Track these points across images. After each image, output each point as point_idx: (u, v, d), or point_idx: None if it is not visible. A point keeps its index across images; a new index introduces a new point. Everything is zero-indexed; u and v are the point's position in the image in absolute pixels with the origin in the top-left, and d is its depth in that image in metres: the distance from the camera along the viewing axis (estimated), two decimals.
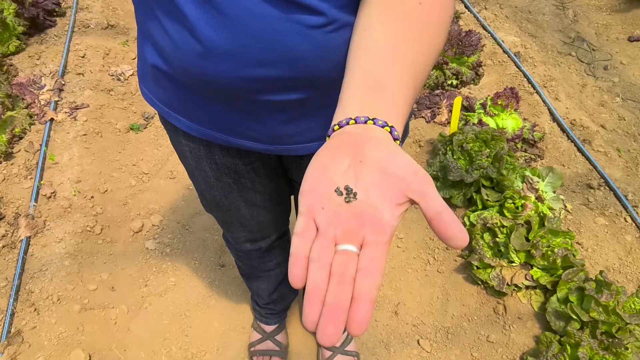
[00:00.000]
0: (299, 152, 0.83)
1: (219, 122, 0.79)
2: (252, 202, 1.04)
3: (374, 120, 0.49)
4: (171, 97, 0.79)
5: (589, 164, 2.30)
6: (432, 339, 1.77)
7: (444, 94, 2.52)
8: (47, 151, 2.20)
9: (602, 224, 2.05)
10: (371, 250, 0.42)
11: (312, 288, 0.39)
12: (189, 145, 0.90)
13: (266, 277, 1.43)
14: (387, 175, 0.45)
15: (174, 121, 0.83)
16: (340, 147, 0.48)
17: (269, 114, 0.74)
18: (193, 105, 0.78)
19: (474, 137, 2.06)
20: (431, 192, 0.44)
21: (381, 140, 0.48)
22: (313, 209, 0.44)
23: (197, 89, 0.73)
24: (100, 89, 2.52)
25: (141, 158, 2.27)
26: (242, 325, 1.78)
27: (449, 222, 0.42)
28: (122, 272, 1.88)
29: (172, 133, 0.92)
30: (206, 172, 0.95)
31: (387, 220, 0.44)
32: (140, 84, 0.86)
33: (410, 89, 0.54)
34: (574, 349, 1.54)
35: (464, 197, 2.06)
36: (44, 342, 1.65)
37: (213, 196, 1.02)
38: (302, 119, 0.76)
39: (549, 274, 1.77)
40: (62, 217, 1.99)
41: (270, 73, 0.65)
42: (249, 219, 1.10)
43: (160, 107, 0.83)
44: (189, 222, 2.06)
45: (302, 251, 0.42)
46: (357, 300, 0.39)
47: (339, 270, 0.40)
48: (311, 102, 0.73)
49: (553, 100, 2.63)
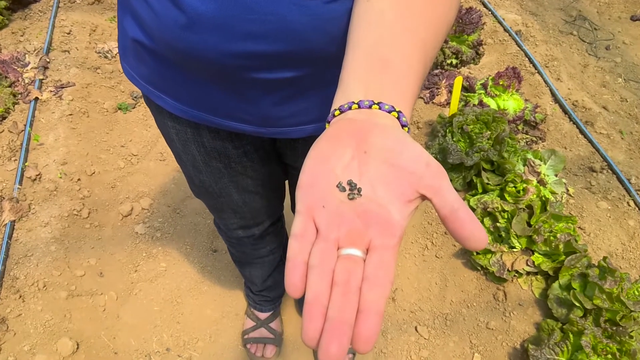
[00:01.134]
0: (293, 135, 0.76)
1: (206, 102, 0.72)
2: (244, 188, 0.98)
3: (380, 104, 0.43)
4: (154, 74, 0.72)
5: (591, 147, 2.25)
6: (430, 325, 1.73)
7: (443, 73, 2.44)
8: (31, 132, 2.12)
9: (604, 208, 2.00)
10: (379, 255, 0.37)
11: (313, 299, 0.34)
12: (175, 127, 0.83)
13: (260, 264, 1.37)
14: (396, 168, 0.40)
15: (158, 101, 0.76)
16: (341, 136, 0.43)
17: (261, 94, 0.68)
18: (178, 84, 0.71)
19: (474, 118, 2.00)
20: (445, 186, 0.39)
21: (388, 127, 0.42)
22: (312, 207, 0.39)
23: (182, 66, 0.66)
24: (86, 66, 2.43)
25: (130, 139, 2.19)
26: (235, 312, 1.73)
27: (466, 221, 0.37)
28: (111, 258, 1.82)
29: (157, 114, 0.85)
30: (194, 156, 0.88)
31: (396, 219, 0.39)
32: (122, 60, 0.79)
33: (420, 69, 0.48)
34: (576, 337, 1.50)
35: (463, 181, 2.00)
36: (29, 330, 1.60)
37: (202, 181, 0.95)
38: (297, 99, 0.70)
39: (551, 260, 1.73)
40: (47, 200, 1.91)
41: (261, 48, 0.58)
42: (240, 205, 1.03)
43: (143, 86, 0.76)
44: (180, 206, 1.99)
45: (301, 256, 0.37)
46: (363, 313, 0.34)
47: (342, 278, 0.36)
48: (307, 80, 0.66)
49: (555, 81, 2.57)
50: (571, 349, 1.50)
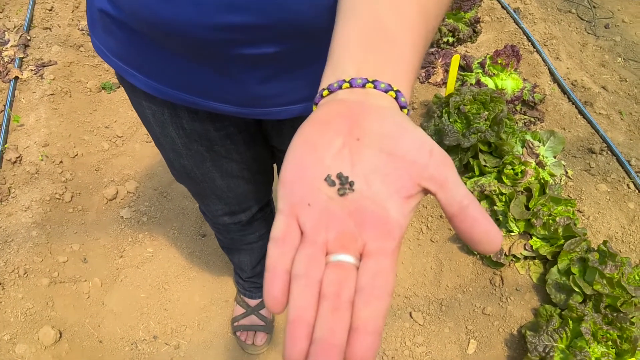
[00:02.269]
0: (280, 115, 0.70)
1: (182, 80, 0.66)
2: (228, 173, 0.91)
3: (375, 83, 0.37)
4: (125, 49, 0.66)
5: (590, 128, 2.19)
6: (425, 311, 1.68)
7: (439, 52, 2.37)
8: (11, 112, 2.03)
9: (604, 190, 1.96)
10: (375, 262, 0.32)
11: (296, 316, 0.29)
12: (151, 107, 0.76)
13: (248, 250, 1.31)
14: (394, 158, 0.34)
15: (130, 78, 0.69)
16: (330, 120, 0.37)
17: (243, 71, 0.62)
18: (150, 60, 0.64)
19: (471, 98, 1.93)
20: (452, 178, 0.33)
21: (385, 109, 0.36)
22: (296, 205, 0.34)
23: (155, 40, 0.60)
24: (69, 44, 2.33)
25: (114, 120, 2.10)
26: (225, 299, 1.67)
27: (477, 220, 0.32)
28: (95, 243, 1.76)
29: (131, 93, 0.78)
30: (173, 139, 0.81)
31: (394, 218, 0.33)
32: (91, 33, 0.72)
33: (421, 41, 0.41)
34: (576, 323, 1.46)
35: (460, 163, 1.94)
36: (9, 319, 1.54)
37: (183, 166, 0.89)
38: (283, 77, 0.64)
39: (549, 244, 1.68)
40: (28, 183, 1.84)
41: (242, 20, 0.52)
42: (225, 191, 0.96)
43: (114, 62, 0.69)
44: (167, 189, 1.92)
45: (282, 264, 0.31)
46: (357, 332, 0.29)
47: (332, 290, 0.30)
48: (293, 56, 0.60)
49: (554, 60, 2.50)
50: (570, 335, 1.46)
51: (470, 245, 0.33)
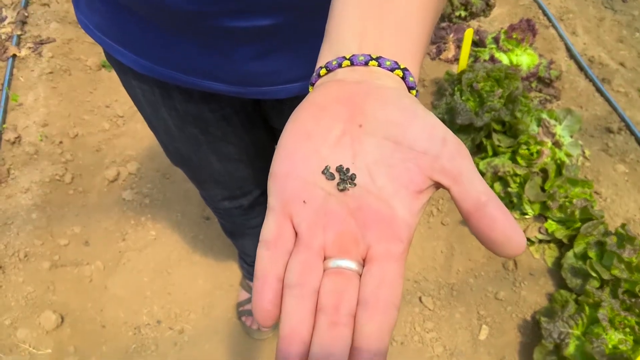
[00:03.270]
0: (277, 95, 0.64)
1: (172, 57, 0.60)
2: (226, 156, 0.85)
3: (379, 60, 0.32)
4: (109, 24, 0.61)
5: (608, 106, 2.11)
6: (435, 296, 1.64)
7: (450, 27, 2.28)
8: (9, 91, 1.98)
9: (622, 171, 1.88)
10: (380, 268, 0.28)
11: (289, 332, 0.25)
12: (142, 87, 0.71)
13: (252, 235, 1.26)
14: (402, 147, 0.30)
15: (117, 55, 0.64)
16: (328, 104, 0.32)
17: (236, 47, 0.56)
18: (137, 35, 0.59)
19: (485, 75, 1.85)
20: (468, 171, 0.29)
21: (391, 91, 0.32)
22: (289, 202, 0.30)
23: (137, 12, 0.55)
24: (68, 21, 2.26)
25: (115, 99, 2.04)
26: (230, 283, 1.63)
27: (497, 220, 0.28)
28: (97, 225, 1.72)
29: (120, 72, 0.73)
30: (166, 121, 0.76)
31: (402, 217, 0.29)
32: (75, 9, 0.66)
33: (431, 13, 0.35)
34: (592, 309, 1.41)
35: (472, 143, 1.87)
36: (10, 303, 1.51)
37: (177, 149, 0.84)
38: (279, 53, 0.58)
39: (566, 227, 1.62)
40: (28, 164, 1.79)
41: None
42: (223, 175, 0.91)
43: (100, 38, 0.64)
44: (169, 171, 1.87)
45: (273, 271, 0.27)
46: (360, 352, 0.25)
47: (330, 301, 0.27)
48: (289, 29, 0.55)
49: (570, 35, 2.40)
50: (586, 322, 1.41)
51: (488, 247, 0.28)
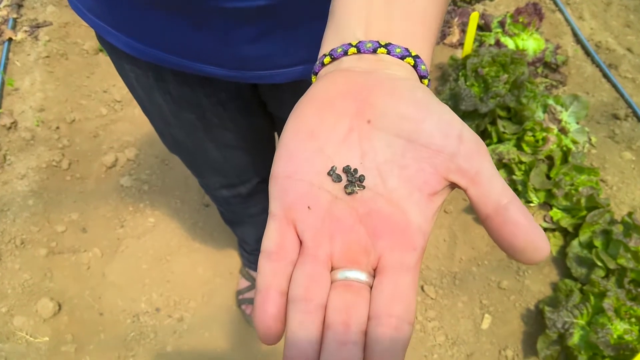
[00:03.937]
0: (274, 79, 0.61)
1: (165, 39, 0.57)
2: (223, 143, 0.82)
3: (389, 47, 0.30)
4: (102, 6, 0.58)
5: (615, 92, 2.07)
6: (438, 285, 1.61)
7: (455, 10, 2.23)
8: (5, 76, 1.94)
9: (628, 159, 1.85)
10: (393, 280, 0.25)
11: (294, 352, 0.23)
12: (134, 70, 0.68)
13: (252, 223, 1.23)
14: (415, 145, 0.28)
15: (109, 38, 0.61)
16: (333, 97, 0.29)
17: (232, 27, 0.53)
18: (129, 17, 0.56)
19: (490, 60, 1.81)
20: (487, 170, 0.27)
21: (402, 82, 0.29)
22: (292, 208, 0.27)
23: None
24: (64, 4, 2.23)
25: (113, 84, 2.01)
26: (229, 271, 1.61)
27: (519, 224, 0.25)
28: (95, 212, 1.69)
29: (112, 55, 0.70)
30: (160, 106, 0.73)
31: (416, 223, 0.27)
32: None
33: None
34: (597, 299, 1.39)
35: (477, 130, 1.83)
36: (7, 291, 1.49)
37: (172, 135, 0.81)
38: (278, 35, 0.55)
39: (571, 215, 1.59)
40: (24, 150, 1.77)
41: None
42: (221, 162, 0.88)
43: (92, 20, 0.61)
44: (168, 157, 1.84)
45: (276, 284, 0.25)
46: None
47: (339, 318, 0.24)
48: (286, 11, 0.51)
49: (577, 20, 2.35)
50: (591, 311, 1.39)
51: (509, 253, 0.25)
